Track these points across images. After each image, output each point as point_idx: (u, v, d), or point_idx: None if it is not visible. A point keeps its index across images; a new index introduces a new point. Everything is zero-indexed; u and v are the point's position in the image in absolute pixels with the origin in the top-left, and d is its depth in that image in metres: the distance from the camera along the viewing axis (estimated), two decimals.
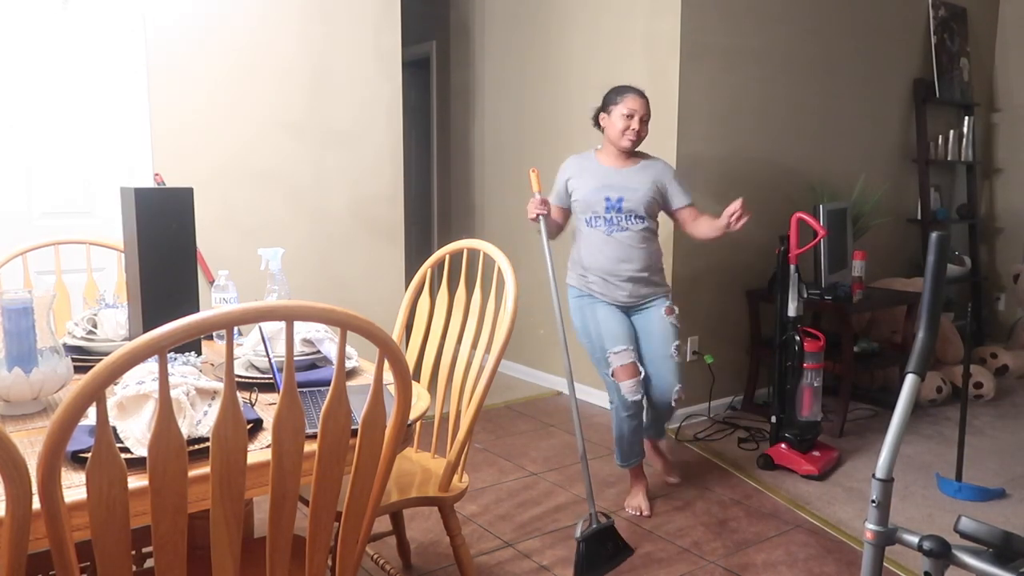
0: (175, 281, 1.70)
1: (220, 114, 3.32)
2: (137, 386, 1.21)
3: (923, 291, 1.45)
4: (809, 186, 4.24)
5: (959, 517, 1.26)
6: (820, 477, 3.15)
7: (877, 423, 3.84)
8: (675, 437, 3.65)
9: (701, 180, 3.76)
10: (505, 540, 2.63)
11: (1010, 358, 4.63)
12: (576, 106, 4.06)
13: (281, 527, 1.14)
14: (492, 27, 4.67)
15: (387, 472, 1.26)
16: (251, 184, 3.43)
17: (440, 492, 1.92)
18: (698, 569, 2.46)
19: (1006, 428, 3.80)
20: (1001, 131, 5.36)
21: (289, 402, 1.07)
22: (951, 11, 4.96)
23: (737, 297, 4.04)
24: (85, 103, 3.08)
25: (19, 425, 1.38)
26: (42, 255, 2.94)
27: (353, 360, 1.83)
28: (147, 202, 1.66)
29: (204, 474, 1.08)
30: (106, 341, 1.85)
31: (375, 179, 3.77)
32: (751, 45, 3.88)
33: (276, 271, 2.05)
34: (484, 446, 3.49)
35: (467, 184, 5.00)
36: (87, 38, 3.04)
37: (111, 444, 0.96)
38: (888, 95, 4.71)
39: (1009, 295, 5.31)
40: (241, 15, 3.32)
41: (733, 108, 3.86)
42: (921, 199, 4.91)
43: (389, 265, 3.86)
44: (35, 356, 1.42)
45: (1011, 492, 3.04)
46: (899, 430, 1.37)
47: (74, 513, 1.04)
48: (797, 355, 3.21)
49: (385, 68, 3.73)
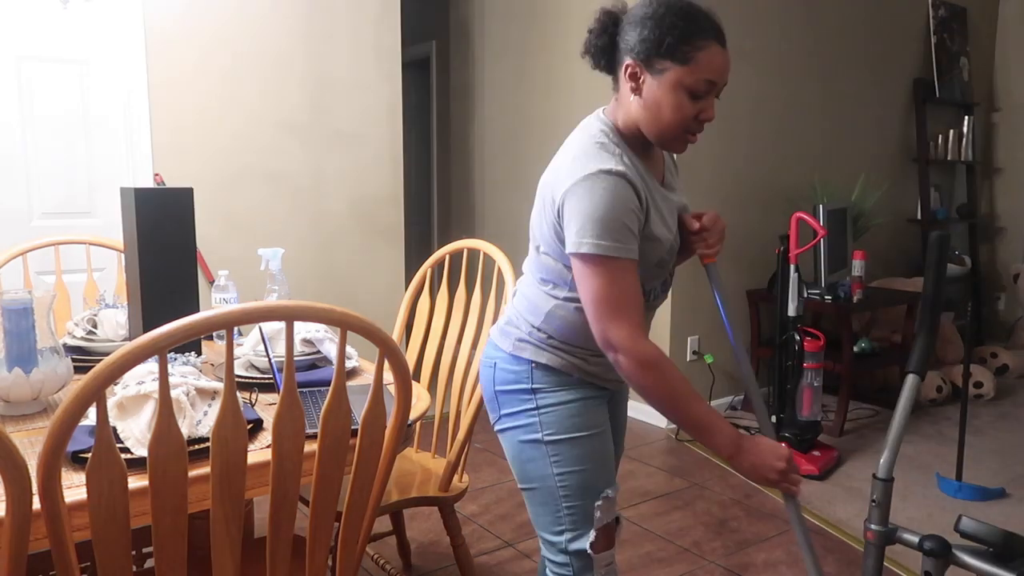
0: (175, 281, 1.70)
1: (220, 114, 3.32)
2: (137, 386, 1.21)
3: (923, 291, 1.45)
4: (809, 186, 4.24)
5: (959, 517, 1.26)
6: (820, 477, 3.15)
7: (877, 423, 3.84)
8: (675, 437, 3.65)
9: (701, 180, 3.76)
10: (505, 540, 2.63)
11: (1010, 358, 4.63)
12: (576, 106, 4.06)
13: (281, 527, 1.14)
14: (492, 27, 4.67)
15: (387, 472, 1.26)
16: (251, 184, 3.43)
17: (440, 492, 1.92)
18: (698, 569, 2.45)
19: (1006, 428, 3.80)
20: (1001, 131, 5.36)
21: (289, 402, 1.07)
22: (951, 11, 4.95)
23: (737, 297, 4.04)
24: (85, 103, 3.08)
25: (19, 425, 1.38)
26: (42, 255, 2.94)
27: (353, 360, 1.83)
28: (147, 202, 1.66)
29: (204, 474, 1.08)
30: (106, 341, 1.85)
31: (375, 179, 3.77)
32: (751, 45, 3.88)
33: (276, 271, 2.05)
34: (484, 446, 3.49)
35: (467, 184, 5.00)
36: (87, 38, 3.04)
37: (111, 444, 0.96)
38: (888, 95, 4.71)
39: (1009, 295, 5.31)
40: (241, 15, 3.32)
41: (733, 108, 3.86)
42: (921, 199, 4.91)
43: (389, 265, 3.86)
44: (35, 356, 1.42)
45: (1011, 492, 3.04)
46: (899, 430, 1.37)
47: (74, 513, 1.05)
48: (797, 355, 3.21)
49: (385, 68, 3.73)
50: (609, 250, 1.26)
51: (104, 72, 3.10)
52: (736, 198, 3.94)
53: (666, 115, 1.30)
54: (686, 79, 1.28)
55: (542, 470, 1.41)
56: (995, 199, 5.41)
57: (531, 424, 1.42)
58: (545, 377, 1.42)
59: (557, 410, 1.41)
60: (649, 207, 1.33)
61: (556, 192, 1.32)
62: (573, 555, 1.42)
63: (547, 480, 1.41)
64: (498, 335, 1.50)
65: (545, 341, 1.42)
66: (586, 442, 1.41)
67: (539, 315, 1.42)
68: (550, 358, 1.42)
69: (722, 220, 1.50)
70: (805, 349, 3.18)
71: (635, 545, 2.59)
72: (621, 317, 1.27)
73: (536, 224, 1.42)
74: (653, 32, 1.28)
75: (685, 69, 1.27)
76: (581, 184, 1.28)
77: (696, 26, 1.28)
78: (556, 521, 1.42)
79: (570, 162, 1.33)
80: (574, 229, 1.28)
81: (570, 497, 1.41)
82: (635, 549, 2.57)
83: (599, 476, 1.42)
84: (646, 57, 1.29)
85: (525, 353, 1.43)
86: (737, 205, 3.94)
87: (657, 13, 1.28)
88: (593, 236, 1.26)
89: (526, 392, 1.43)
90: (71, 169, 3.08)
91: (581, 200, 1.27)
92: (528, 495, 1.47)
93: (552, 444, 1.40)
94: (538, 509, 1.45)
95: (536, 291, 1.44)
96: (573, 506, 1.41)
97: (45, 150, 3.02)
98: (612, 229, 1.26)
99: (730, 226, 3.88)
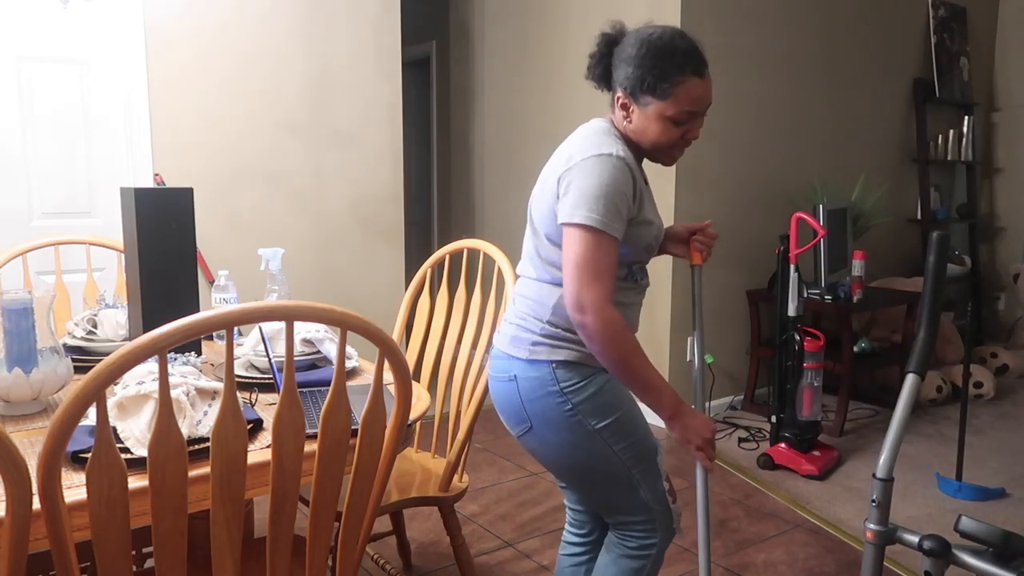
0: (175, 281, 1.70)
1: (220, 114, 3.32)
2: (137, 386, 1.21)
3: (923, 291, 1.45)
4: (809, 186, 4.24)
5: (959, 517, 1.26)
6: (820, 477, 3.15)
7: (877, 423, 3.84)
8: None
9: (702, 180, 3.76)
10: (505, 540, 2.63)
11: (1010, 358, 4.63)
12: (577, 106, 4.06)
13: (281, 527, 1.14)
14: (492, 27, 4.67)
15: (387, 472, 1.26)
16: (251, 184, 3.43)
17: (440, 492, 1.92)
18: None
19: (1006, 428, 3.80)
20: (1001, 131, 5.36)
21: (289, 402, 1.07)
22: (951, 11, 4.95)
23: (737, 297, 4.04)
24: (85, 103, 3.08)
25: (19, 425, 1.38)
26: (42, 255, 2.94)
27: (353, 360, 1.83)
28: (147, 202, 1.66)
29: (204, 474, 1.08)
30: (106, 341, 1.85)
31: (375, 179, 3.77)
32: (751, 45, 3.88)
33: (276, 271, 2.06)
34: (484, 446, 3.49)
35: (467, 184, 5.00)
36: (87, 38, 3.04)
37: (111, 444, 0.96)
38: (888, 95, 4.71)
39: (1009, 295, 5.31)
40: (241, 15, 3.32)
41: (733, 108, 3.86)
42: (921, 199, 4.91)
43: (389, 265, 3.86)
44: (35, 356, 1.42)
45: (1011, 492, 3.04)
46: (899, 430, 1.37)
47: (74, 513, 1.04)
48: (797, 355, 3.20)
49: (385, 68, 3.73)
50: (600, 224, 1.38)
51: (104, 72, 3.10)
52: (736, 198, 3.94)
53: (653, 138, 1.48)
54: (667, 111, 1.44)
55: (604, 454, 1.51)
56: (995, 199, 5.41)
57: (576, 423, 1.49)
58: (567, 374, 1.48)
59: (592, 401, 1.49)
60: (642, 195, 1.47)
61: (559, 170, 1.45)
62: (657, 506, 1.57)
63: (612, 459, 1.52)
64: (509, 345, 1.53)
65: (558, 336, 1.48)
66: (626, 416, 1.52)
67: (547, 310, 1.49)
68: (567, 353, 1.48)
69: (711, 229, 1.71)
70: (805, 349, 3.18)
71: None
72: (597, 282, 1.38)
73: (536, 208, 1.52)
74: (636, 71, 1.44)
75: (666, 103, 1.44)
76: (587, 161, 1.41)
77: (672, 64, 1.43)
78: (632, 488, 1.54)
79: (580, 142, 1.47)
80: (571, 201, 1.40)
81: (636, 464, 1.53)
82: None
83: (648, 438, 1.56)
84: (632, 92, 1.46)
85: (542, 355, 1.48)
86: (737, 205, 3.94)
87: (639, 53, 1.44)
88: (588, 209, 1.38)
89: (556, 396, 1.48)
90: (71, 169, 3.08)
91: (584, 176, 1.40)
92: (594, 482, 1.57)
93: (602, 430, 1.50)
94: (610, 487, 1.56)
95: (538, 288, 1.52)
96: (641, 469, 1.54)
97: (45, 150, 3.02)
98: (606, 206, 1.38)
99: (730, 226, 3.89)
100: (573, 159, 1.43)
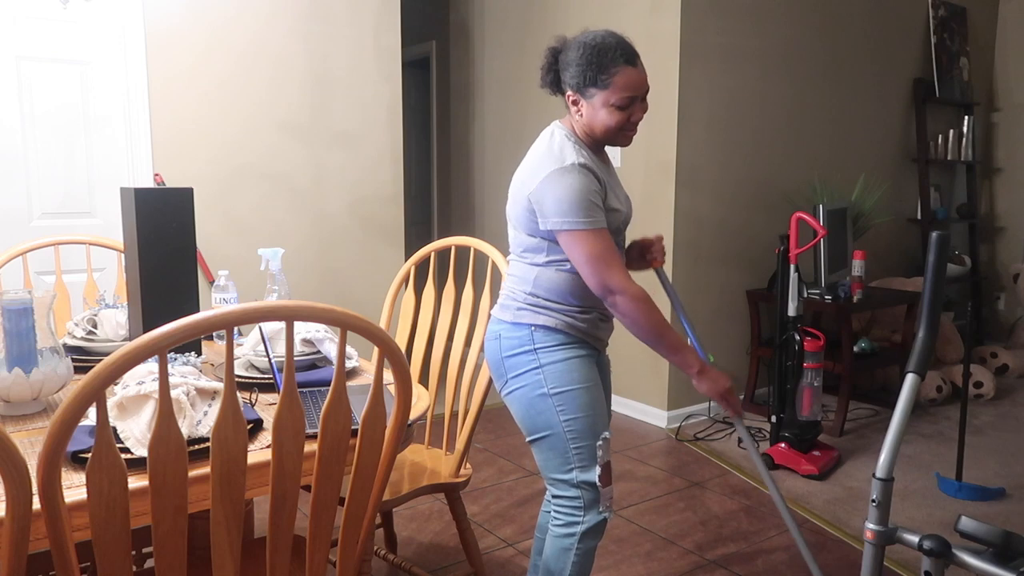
0: (175, 281, 1.70)
1: (220, 114, 3.32)
2: (137, 386, 1.21)
3: (923, 290, 1.45)
4: (809, 186, 4.24)
5: (959, 517, 1.26)
6: (820, 477, 3.15)
7: (877, 423, 3.84)
8: (675, 436, 3.65)
9: (703, 180, 3.76)
10: (505, 540, 2.64)
11: (1010, 358, 4.63)
12: None
13: (281, 527, 1.14)
14: (492, 27, 4.67)
15: (387, 472, 1.26)
16: (251, 184, 3.43)
17: (449, 478, 1.99)
18: (698, 569, 2.46)
19: (1006, 428, 3.80)
20: (1001, 131, 5.36)
21: (289, 402, 1.07)
22: (951, 11, 4.96)
23: (737, 297, 4.04)
24: (85, 103, 3.08)
25: (19, 425, 1.38)
26: (42, 255, 2.95)
27: (353, 360, 1.84)
28: (147, 202, 1.66)
29: (204, 474, 1.09)
30: (106, 341, 1.85)
31: (375, 179, 3.77)
32: (751, 45, 3.88)
33: (276, 271, 2.06)
34: (484, 446, 3.49)
35: (467, 184, 5.00)
36: (87, 38, 3.05)
37: (111, 444, 0.96)
38: (888, 95, 4.71)
39: (1009, 295, 5.31)
40: (241, 15, 3.32)
41: (733, 108, 3.86)
42: (921, 199, 4.91)
43: (389, 265, 3.86)
44: (35, 356, 1.42)
45: (1011, 492, 3.04)
46: (899, 430, 1.37)
47: (74, 513, 1.05)
48: (797, 355, 3.21)
49: (385, 68, 3.73)
50: (586, 224, 1.60)
51: (104, 72, 3.10)
52: (737, 198, 3.94)
53: (603, 125, 1.67)
54: (610, 99, 1.65)
55: (550, 419, 1.68)
56: (995, 199, 5.41)
57: (537, 380, 1.69)
58: (544, 337, 1.69)
59: (557, 366, 1.68)
60: (607, 188, 1.68)
61: (529, 184, 1.66)
62: (583, 487, 1.70)
63: (555, 427, 1.68)
64: (499, 311, 1.77)
65: (540, 304, 1.70)
66: (584, 393, 1.69)
67: (528, 282, 1.71)
68: (546, 319, 1.69)
69: (663, 240, 1.96)
70: (805, 349, 3.18)
71: (635, 545, 2.59)
72: (612, 267, 1.61)
73: (512, 212, 1.74)
74: (578, 69, 1.66)
75: (608, 92, 1.64)
76: (553, 174, 1.61)
77: (608, 58, 1.63)
78: (566, 461, 1.70)
79: (540, 159, 1.67)
80: (552, 213, 1.61)
81: (577, 439, 1.68)
82: (635, 548, 2.57)
83: (598, 421, 1.71)
84: (578, 88, 1.67)
85: (524, 318, 1.70)
86: (738, 205, 3.94)
87: (580, 55, 1.65)
88: (571, 215, 1.60)
89: (529, 353, 1.69)
90: (71, 169, 3.08)
91: (555, 187, 1.61)
92: (538, 445, 1.73)
93: (557, 395, 1.68)
94: (548, 455, 1.71)
95: (521, 266, 1.74)
96: (580, 447, 1.69)
97: (45, 150, 3.02)
98: (584, 207, 1.60)
99: (730, 226, 3.90)
100: (537, 175, 1.63)
